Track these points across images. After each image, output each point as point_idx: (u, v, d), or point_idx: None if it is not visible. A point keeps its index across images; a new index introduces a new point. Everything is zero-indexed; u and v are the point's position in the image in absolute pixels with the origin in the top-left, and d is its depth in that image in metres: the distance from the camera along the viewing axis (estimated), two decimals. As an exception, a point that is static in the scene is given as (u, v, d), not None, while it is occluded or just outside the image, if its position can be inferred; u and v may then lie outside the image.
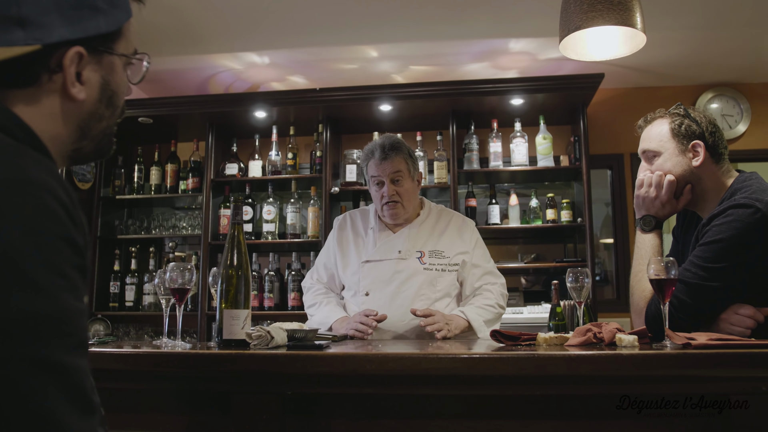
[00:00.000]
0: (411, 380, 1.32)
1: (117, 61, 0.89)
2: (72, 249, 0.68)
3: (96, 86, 0.86)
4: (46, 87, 0.80)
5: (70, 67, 0.81)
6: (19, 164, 0.66)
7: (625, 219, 4.34)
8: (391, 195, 2.28)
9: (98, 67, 0.85)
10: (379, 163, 2.29)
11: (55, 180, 0.68)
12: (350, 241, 2.41)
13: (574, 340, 1.55)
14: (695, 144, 1.79)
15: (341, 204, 4.40)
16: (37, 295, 0.62)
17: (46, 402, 0.61)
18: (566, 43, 1.84)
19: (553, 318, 3.19)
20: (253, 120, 4.34)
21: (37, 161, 0.68)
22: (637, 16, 1.73)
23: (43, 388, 0.61)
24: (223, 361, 1.36)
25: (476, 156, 4.16)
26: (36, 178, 0.66)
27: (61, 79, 0.81)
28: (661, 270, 1.50)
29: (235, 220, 1.66)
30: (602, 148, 4.33)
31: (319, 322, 2.31)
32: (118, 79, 0.89)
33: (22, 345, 0.60)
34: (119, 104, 0.91)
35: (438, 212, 2.44)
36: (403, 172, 2.29)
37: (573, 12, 1.70)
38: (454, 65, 4.10)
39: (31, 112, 0.79)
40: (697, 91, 4.36)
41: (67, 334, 0.65)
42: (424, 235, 2.35)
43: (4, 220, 0.62)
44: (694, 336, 1.43)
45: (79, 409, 0.64)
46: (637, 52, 2.00)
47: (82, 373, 0.66)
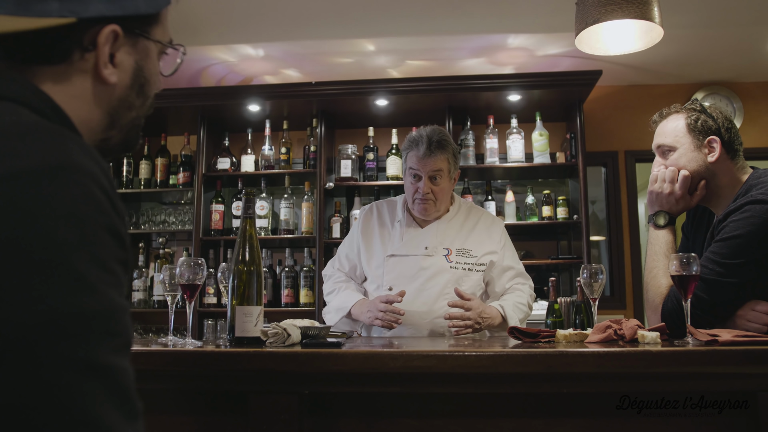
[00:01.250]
0: (436, 378, 1.29)
1: (152, 48, 0.83)
2: (117, 241, 0.63)
3: (129, 71, 0.80)
4: (77, 66, 0.75)
5: (105, 46, 0.75)
6: (62, 148, 0.61)
7: (619, 217, 4.35)
8: (425, 192, 2.21)
9: (133, 51, 0.80)
10: (422, 158, 2.20)
11: (98, 166, 0.63)
12: (375, 233, 2.34)
13: (594, 337, 1.52)
14: (711, 140, 1.77)
15: (335, 200, 4.35)
16: (85, 291, 0.57)
17: (93, 408, 0.56)
18: (581, 38, 1.81)
19: (551, 315, 3.17)
20: (246, 114, 4.27)
21: (80, 145, 0.63)
22: (655, 9, 1.71)
23: (91, 393, 0.56)
24: (240, 360, 1.31)
25: (472, 152, 4.14)
26: (81, 164, 0.61)
27: (93, 58, 0.75)
28: (683, 266, 1.49)
29: (246, 214, 1.61)
30: (597, 146, 4.33)
31: (337, 307, 2.25)
32: (152, 66, 0.84)
33: (69, 346, 0.55)
34: (150, 95, 0.86)
35: (467, 209, 2.38)
36: (444, 171, 2.21)
37: (591, 5, 1.67)
38: (451, 60, 4.06)
39: (61, 92, 0.73)
40: (691, 90, 4.37)
41: (115, 334, 0.60)
42: (452, 233, 2.29)
43: (49, 209, 0.57)
44: (716, 333, 1.42)
45: (126, 416, 0.59)
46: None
47: (128, 376, 0.61)
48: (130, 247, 0.66)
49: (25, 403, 0.53)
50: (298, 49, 3.92)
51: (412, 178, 2.25)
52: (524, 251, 4.23)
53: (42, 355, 0.54)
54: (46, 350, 0.54)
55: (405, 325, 2.17)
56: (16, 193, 0.56)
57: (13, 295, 0.54)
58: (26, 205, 0.56)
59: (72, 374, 0.55)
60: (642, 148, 4.38)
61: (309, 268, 4.14)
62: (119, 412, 0.58)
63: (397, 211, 2.36)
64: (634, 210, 4.38)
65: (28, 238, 0.56)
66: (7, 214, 0.55)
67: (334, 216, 4.22)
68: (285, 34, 3.72)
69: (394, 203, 2.41)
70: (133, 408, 0.60)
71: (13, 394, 0.53)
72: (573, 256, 4.08)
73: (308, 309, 4.02)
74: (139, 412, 0.62)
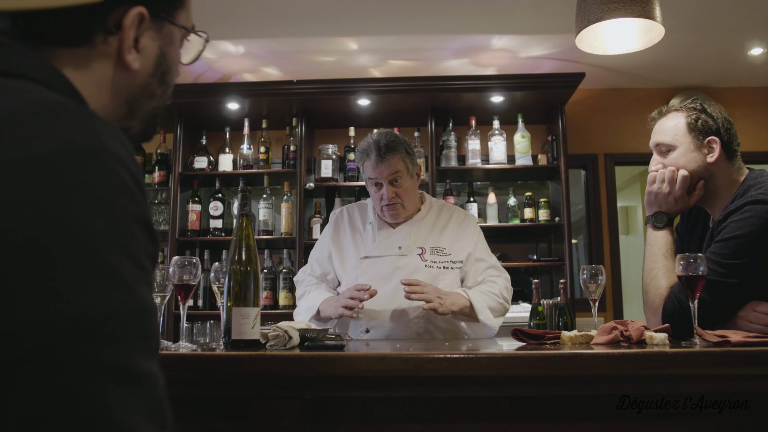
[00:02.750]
0: (447, 382, 1.24)
1: (177, 34, 0.77)
2: (147, 234, 0.57)
3: (152, 57, 0.74)
4: (99, 50, 0.68)
5: (130, 30, 0.69)
6: (92, 129, 0.54)
7: (599, 219, 4.37)
8: (390, 198, 2.18)
9: (157, 36, 0.74)
10: (376, 165, 2.17)
11: (127, 151, 0.57)
12: (348, 237, 2.30)
13: (600, 339, 1.50)
14: (711, 140, 1.76)
15: (315, 200, 4.28)
16: (118, 289, 0.51)
17: (128, 419, 0.49)
18: (581, 36, 1.79)
19: (534, 317, 3.16)
20: (224, 112, 4.17)
21: (109, 127, 0.57)
22: (657, 8, 1.70)
23: (124, 400, 0.50)
24: (243, 364, 1.24)
25: (454, 153, 4.12)
26: (112, 147, 0.55)
27: (116, 42, 0.69)
28: (691, 266, 1.47)
29: (242, 212, 1.54)
30: (577, 148, 4.35)
31: (306, 307, 2.20)
32: (174, 53, 0.78)
33: (102, 350, 0.49)
34: (171, 84, 0.79)
35: (439, 207, 2.35)
36: (402, 171, 2.17)
37: (593, 3, 1.65)
38: (434, 61, 4.04)
39: (79, 77, 0.66)
40: (668, 94, 4.43)
41: (147, 336, 0.54)
42: (425, 232, 2.26)
43: (79, 196, 0.51)
44: (725, 333, 1.40)
45: (159, 427, 0.53)
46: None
47: (160, 383, 0.55)
48: (158, 242, 0.60)
49: (53, 415, 0.47)
50: (279, 47, 3.84)
51: (374, 188, 2.23)
52: (499, 253, 4.21)
53: (72, 360, 0.48)
54: (77, 355, 0.48)
55: (382, 325, 2.14)
56: (43, 178, 0.50)
57: (41, 293, 0.48)
58: (54, 190, 0.50)
59: (105, 382, 0.49)
60: (621, 151, 4.41)
61: (288, 270, 4.06)
62: (152, 423, 0.52)
63: (368, 213, 2.33)
64: (614, 213, 4.41)
65: (58, 227, 0.49)
66: (34, 201, 0.49)
67: (314, 217, 4.15)
68: (266, 31, 3.64)
69: (365, 206, 2.37)
70: (165, 418, 0.54)
71: (40, 404, 0.46)
72: (554, 258, 4.08)
73: (287, 311, 3.93)
74: (170, 422, 0.56)
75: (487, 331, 2.13)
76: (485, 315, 2.10)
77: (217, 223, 4.13)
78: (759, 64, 4.05)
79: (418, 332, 2.14)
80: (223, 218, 4.15)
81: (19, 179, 0.49)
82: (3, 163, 0.49)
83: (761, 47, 3.83)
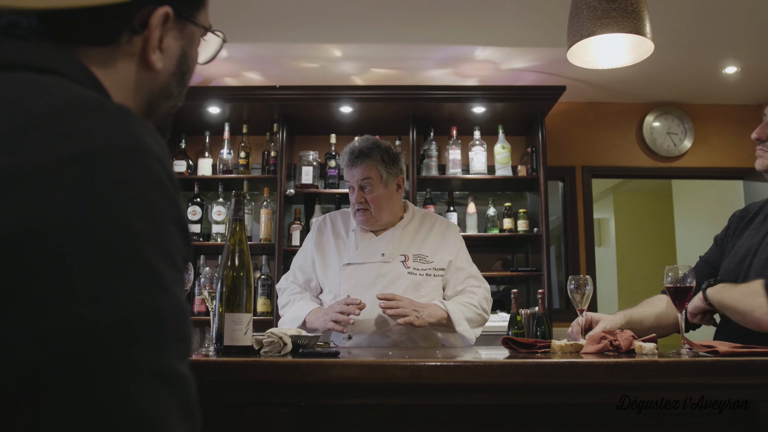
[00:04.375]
0: (444, 389, 1.24)
1: (197, 33, 0.77)
2: (183, 236, 0.56)
3: (174, 57, 0.74)
4: (124, 49, 0.68)
5: (156, 29, 0.68)
6: (130, 127, 0.54)
7: (575, 231, 4.43)
8: (358, 202, 2.19)
9: (180, 36, 0.74)
10: (349, 169, 2.20)
11: (162, 149, 0.56)
12: (330, 244, 2.30)
13: (589, 348, 1.52)
14: None
15: (295, 207, 4.26)
16: (158, 290, 0.50)
17: (165, 423, 0.49)
18: (572, 50, 1.82)
19: (513, 327, 3.18)
20: (204, 116, 4.14)
21: (145, 125, 0.56)
22: (647, 24, 1.74)
23: (163, 403, 0.49)
24: (238, 370, 1.23)
25: (435, 162, 4.14)
26: (150, 146, 0.54)
27: (140, 42, 0.69)
28: (679, 279, 1.50)
29: (236, 217, 1.52)
30: (555, 160, 4.41)
31: (292, 318, 2.18)
32: (194, 53, 0.78)
33: (143, 351, 0.48)
34: (188, 84, 0.79)
35: (421, 216, 2.37)
36: (373, 179, 2.18)
37: (585, 18, 1.68)
38: (416, 70, 4.06)
39: (104, 76, 0.66)
40: (644, 109, 4.52)
41: (183, 339, 0.53)
42: (407, 239, 2.27)
43: (120, 195, 0.50)
44: (712, 344, 1.43)
45: (190, 429, 0.52)
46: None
47: (193, 385, 0.54)
48: (191, 244, 0.60)
49: (93, 417, 0.46)
50: (262, 51, 3.82)
51: (350, 192, 2.26)
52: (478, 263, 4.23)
53: (113, 362, 0.47)
54: (118, 357, 0.47)
55: (364, 333, 2.13)
56: (85, 176, 0.49)
57: (83, 292, 0.47)
58: (97, 189, 0.49)
59: (145, 384, 0.48)
60: (598, 164, 4.49)
61: (267, 276, 4.03)
62: (186, 426, 0.51)
63: (351, 220, 2.33)
64: (590, 224, 4.48)
65: (100, 225, 0.48)
66: (76, 199, 0.48)
67: (294, 223, 4.13)
68: (250, 36, 3.62)
69: (348, 214, 2.38)
70: (196, 422, 0.54)
71: (79, 406, 0.45)
72: (532, 268, 4.12)
73: (265, 318, 3.90)
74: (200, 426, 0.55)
75: (464, 342, 2.14)
76: (463, 327, 2.11)
77: (196, 227, 4.08)
78: (732, 83, 4.17)
79: (400, 340, 2.14)
80: (201, 223, 4.10)
81: (61, 177, 0.48)
82: (45, 160, 0.48)
83: (735, 66, 3.94)
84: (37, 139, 0.50)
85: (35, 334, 0.46)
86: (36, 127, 0.50)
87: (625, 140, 4.52)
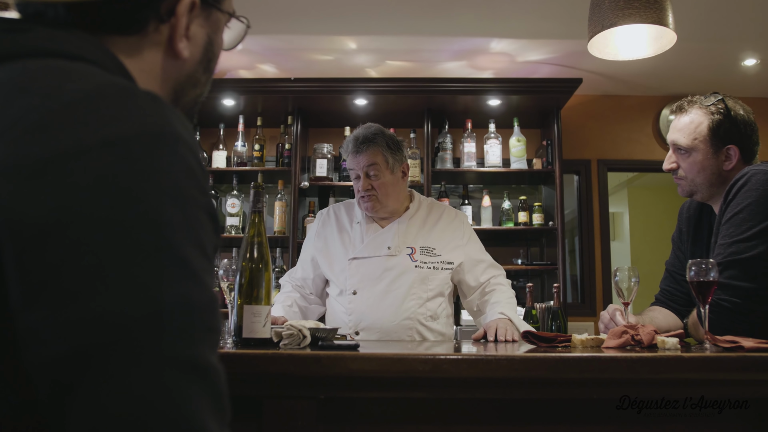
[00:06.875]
0: (465, 383, 1.23)
1: (222, 20, 0.76)
2: (213, 225, 0.55)
3: (200, 45, 0.73)
4: (151, 38, 0.67)
5: (183, 17, 0.68)
6: (162, 114, 0.53)
7: (591, 224, 4.40)
8: (365, 189, 2.16)
9: (206, 23, 0.73)
10: (353, 157, 2.18)
11: (192, 137, 0.56)
12: (335, 237, 2.27)
13: (611, 342, 1.50)
14: (729, 148, 1.74)
15: (309, 199, 4.26)
16: (191, 280, 0.50)
17: (198, 415, 0.48)
18: (593, 42, 1.79)
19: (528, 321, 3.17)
20: (219, 108, 4.14)
21: (176, 112, 0.55)
22: (670, 15, 1.71)
23: (195, 393, 0.48)
24: (258, 362, 1.22)
25: (450, 155, 4.12)
26: (180, 133, 0.53)
27: (167, 30, 0.68)
28: (702, 272, 1.47)
29: (255, 208, 1.52)
30: (570, 154, 4.37)
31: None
32: (220, 40, 0.77)
33: (176, 342, 0.47)
34: (213, 71, 0.79)
35: (428, 206, 2.33)
36: (379, 165, 2.15)
37: (607, 8, 1.65)
38: (431, 62, 4.04)
39: (131, 65, 0.65)
40: (661, 102, 4.47)
41: (213, 329, 0.52)
42: (414, 230, 2.23)
43: (152, 182, 0.49)
44: (736, 339, 1.41)
45: (220, 419, 0.52)
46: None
47: (223, 376, 0.53)
48: (220, 233, 0.59)
49: (124, 410, 0.45)
50: (276, 44, 3.82)
51: (354, 180, 2.23)
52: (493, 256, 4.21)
53: (145, 351, 0.46)
54: (150, 346, 0.46)
55: (372, 328, 2.12)
56: (116, 162, 0.48)
57: (113, 282, 0.46)
58: (128, 176, 0.48)
59: (177, 374, 0.47)
60: (614, 157, 4.44)
61: (281, 269, 4.03)
62: (216, 417, 0.50)
63: (356, 212, 2.30)
64: (606, 218, 4.44)
65: (131, 214, 0.48)
66: (109, 186, 0.47)
67: (308, 216, 4.13)
68: (264, 28, 3.61)
69: (352, 204, 2.35)
70: (227, 415, 0.53)
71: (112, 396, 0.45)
72: (547, 262, 4.10)
73: (279, 311, 3.91)
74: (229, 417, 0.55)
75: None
76: (523, 325, 2.08)
77: (210, 220, 4.08)
78: (752, 75, 4.11)
79: (408, 334, 2.13)
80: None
81: (94, 163, 0.48)
82: (77, 145, 0.48)
83: (754, 58, 3.88)
84: (69, 125, 0.49)
85: (65, 324, 0.45)
86: (68, 113, 0.50)
87: (641, 134, 4.48)
